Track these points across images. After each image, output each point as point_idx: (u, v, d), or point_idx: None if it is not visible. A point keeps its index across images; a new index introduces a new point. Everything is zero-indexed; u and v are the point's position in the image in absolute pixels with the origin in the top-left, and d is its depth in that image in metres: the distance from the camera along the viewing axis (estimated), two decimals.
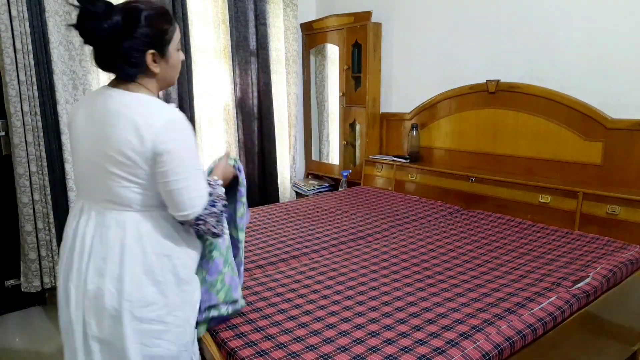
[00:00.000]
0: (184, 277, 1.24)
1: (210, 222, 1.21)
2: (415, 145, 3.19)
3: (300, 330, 1.39)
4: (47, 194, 2.66)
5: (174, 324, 1.21)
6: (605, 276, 1.74)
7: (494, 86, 2.72)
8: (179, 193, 1.15)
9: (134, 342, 1.16)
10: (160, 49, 1.19)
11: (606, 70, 2.30)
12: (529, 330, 1.41)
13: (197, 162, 1.20)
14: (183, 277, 1.24)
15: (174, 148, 1.13)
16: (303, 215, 2.64)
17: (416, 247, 2.09)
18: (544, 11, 2.50)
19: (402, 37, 3.28)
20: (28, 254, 2.65)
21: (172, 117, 1.16)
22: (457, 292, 1.64)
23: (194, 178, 1.17)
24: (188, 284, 1.26)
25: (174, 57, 1.24)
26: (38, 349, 2.37)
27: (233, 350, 1.29)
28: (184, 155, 1.15)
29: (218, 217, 1.23)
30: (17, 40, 2.45)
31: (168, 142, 1.12)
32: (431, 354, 1.25)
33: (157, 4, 1.21)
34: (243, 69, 3.42)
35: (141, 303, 1.16)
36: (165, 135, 1.12)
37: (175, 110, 1.20)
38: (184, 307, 1.24)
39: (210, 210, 1.20)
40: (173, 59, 1.24)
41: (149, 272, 1.17)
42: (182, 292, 1.23)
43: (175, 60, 1.25)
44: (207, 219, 1.20)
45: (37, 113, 2.57)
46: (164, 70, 1.22)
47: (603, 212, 2.18)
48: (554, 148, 2.50)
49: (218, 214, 1.22)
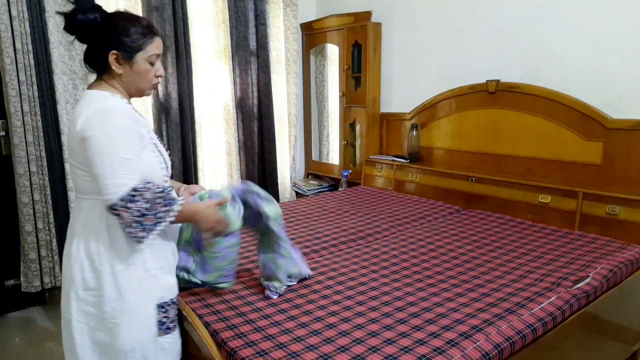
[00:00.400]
0: (121, 270, 1.26)
1: (125, 217, 1.19)
2: (415, 145, 3.19)
3: (300, 330, 1.39)
4: (47, 193, 2.66)
5: (110, 314, 1.27)
6: (605, 276, 1.74)
7: (494, 86, 2.72)
8: (97, 178, 1.21)
9: (79, 320, 1.29)
10: (126, 53, 1.29)
11: (606, 70, 2.30)
12: (529, 330, 1.41)
13: (119, 150, 1.21)
14: (119, 270, 1.26)
15: (94, 135, 1.20)
16: (303, 216, 2.64)
17: (416, 247, 2.09)
18: (543, 11, 2.50)
19: (402, 37, 3.28)
20: (28, 253, 2.65)
21: (102, 107, 1.24)
22: (457, 292, 1.63)
23: (111, 165, 1.20)
24: (126, 278, 1.27)
25: (141, 66, 1.31)
26: (38, 349, 2.37)
27: (233, 350, 1.29)
28: (104, 142, 1.20)
29: (135, 216, 1.20)
30: (17, 40, 2.46)
31: (90, 129, 1.21)
32: (431, 354, 1.25)
33: (144, 19, 1.34)
34: (243, 69, 3.42)
35: (82, 286, 1.28)
36: (91, 122, 1.21)
37: (112, 102, 1.26)
38: (121, 301, 1.26)
39: (127, 205, 1.18)
40: (139, 66, 1.31)
41: (90, 258, 1.27)
42: (117, 285, 1.26)
43: (142, 69, 1.32)
44: (121, 212, 1.19)
45: (37, 113, 2.57)
46: (128, 74, 1.31)
47: (603, 212, 2.18)
48: (554, 148, 2.50)
49: (135, 212, 1.19)
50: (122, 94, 1.34)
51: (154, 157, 1.34)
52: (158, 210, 1.23)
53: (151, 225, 1.23)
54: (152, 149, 1.34)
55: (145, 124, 1.37)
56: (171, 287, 1.39)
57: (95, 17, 1.26)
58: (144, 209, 1.21)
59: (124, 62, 1.30)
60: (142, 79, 1.33)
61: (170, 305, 1.38)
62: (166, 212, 1.25)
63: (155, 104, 3.04)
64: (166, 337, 1.37)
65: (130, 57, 1.29)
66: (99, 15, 1.27)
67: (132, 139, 1.25)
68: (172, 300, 1.39)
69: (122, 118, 1.25)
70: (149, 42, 1.31)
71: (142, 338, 1.31)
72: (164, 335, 1.36)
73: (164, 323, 1.36)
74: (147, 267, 1.31)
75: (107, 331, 1.29)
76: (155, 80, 1.37)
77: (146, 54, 1.31)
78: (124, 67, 1.30)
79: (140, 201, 1.21)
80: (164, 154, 1.40)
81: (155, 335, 1.34)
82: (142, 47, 1.30)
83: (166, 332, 1.36)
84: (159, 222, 1.25)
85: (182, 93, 3.10)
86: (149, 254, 1.32)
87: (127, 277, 1.28)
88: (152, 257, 1.33)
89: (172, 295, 1.39)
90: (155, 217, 1.23)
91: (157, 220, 1.24)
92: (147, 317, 1.32)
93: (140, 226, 1.21)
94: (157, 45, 1.33)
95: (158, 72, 1.36)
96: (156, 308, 1.33)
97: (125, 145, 1.23)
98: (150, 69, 1.34)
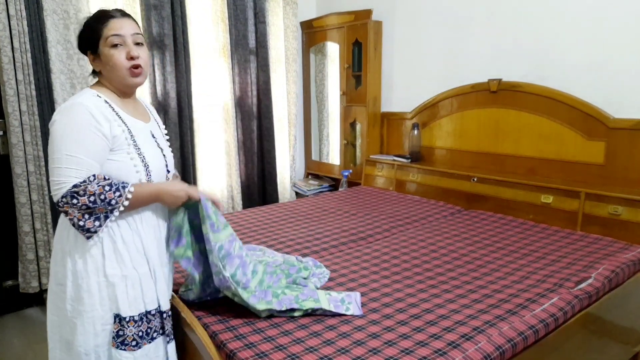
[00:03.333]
0: (80, 271, 1.25)
1: (72, 212, 1.20)
2: (417, 144, 3.17)
3: (300, 331, 1.37)
4: (45, 194, 2.65)
5: (71, 313, 1.26)
6: (608, 277, 1.73)
7: (495, 85, 2.71)
8: (49, 173, 1.23)
9: (52, 313, 1.32)
10: (92, 48, 1.30)
11: (608, 70, 2.28)
12: (531, 331, 1.39)
13: (67, 147, 1.20)
14: (79, 269, 1.25)
15: (53, 129, 1.22)
16: (303, 216, 2.63)
17: (417, 248, 2.08)
18: (546, 10, 2.48)
19: (403, 35, 3.27)
20: (26, 254, 2.64)
21: (70, 103, 1.24)
22: (458, 293, 1.62)
23: (58, 162, 1.20)
24: (84, 280, 1.25)
25: (106, 53, 1.28)
26: (36, 350, 2.36)
27: (232, 352, 1.27)
28: (55, 138, 1.21)
29: (83, 210, 1.20)
30: (15, 39, 2.44)
31: (52, 124, 1.22)
32: (432, 355, 1.23)
33: (100, 9, 1.34)
34: (242, 68, 3.40)
35: (55, 279, 1.30)
36: (55, 117, 1.23)
37: (83, 98, 1.25)
38: (78, 302, 1.25)
39: (69, 202, 1.19)
40: (105, 56, 1.29)
41: (60, 252, 1.28)
42: (74, 284, 1.26)
43: (107, 55, 1.28)
44: (66, 210, 1.21)
45: (34, 112, 2.56)
46: (104, 69, 1.31)
47: (605, 212, 2.16)
48: (556, 148, 2.49)
49: (82, 207, 1.20)
50: (112, 91, 1.33)
51: (128, 159, 1.28)
52: (107, 198, 1.21)
53: (105, 214, 1.23)
54: (129, 150, 1.28)
55: (122, 125, 1.29)
56: (132, 302, 1.28)
57: (80, 30, 1.33)
58: (90, 202, 1.19)
59: (96, 58, 1.30)
60: (113, 66, 1.28)
61: (129, 321, 1.28)
62: (119, 196, 1.22)
63: (153, 103, 3.02)
64: (119, 352, 1.27)
65: (96, 50, 1.30)
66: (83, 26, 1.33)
67: (87, 137, 1.21)
68: (132, 318, 1.28)
69: (82, 114, 1.21)
70: (103, 27, 1.28)
71: (95, 343, 1.26)
72: (117, 349, 1.27)
73: (120, 336, 1.27)
74: (107, 273, 1.26)
75: (68, 329, 1.28)
76: (129, 63, 1.29)
77: (104, 40, 1.28)
78: (100, 64, 1.31)
79: (84, 195, 1.19)
80: (147, 158, 1.33)
81: (109, 343, 1.27)
82: (99, 36, 1.28)
83: (119, 347, 1.27)
84: (113, 209, 1.23)
85: (181, 92, 3.08)
86: (109, 259, 1.26)
87: (85, 280, 1.24)
88: (116, 264, 1.27)
89: (131, 312, 1.28)
90: (108, 205, 1.21)
91: (111, 207, 1.22)
92: (103, 324, 1.26)
93: (91, 217, 1.22)
94: (113, 26, 1.28)
95: (131, 53, 1.29)
96: (113, 317, 1.27)
97: (76, 142, 1.20)
98: (114, 53, 1.27)
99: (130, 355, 1.28)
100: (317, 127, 3.96)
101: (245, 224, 2.47)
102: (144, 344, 1.30)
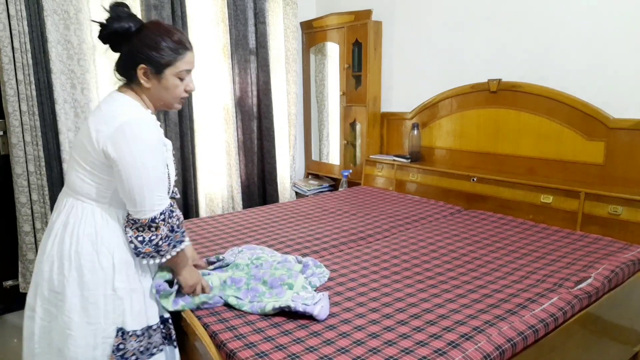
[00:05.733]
0: (88, 282, 1.23)
1: (162, 229, 1.25)
2: (416, 144, 3.18)
3: (300, 331, 1.37)
4: (45, 194, 2.65)
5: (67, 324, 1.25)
6: (607, 277, 1.73)
7: (495, 85, 2.71)
8: (132, 192, 1.22)
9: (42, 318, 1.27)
10: (155, 67, 1.27)
11: (608, 70, 2.29)
12: (531, 331, 1.39)
13: (157, 164, 1.25)
14: (87, 280, 1.23)
15: (130, 148, 1.20)
16: (303, 216, 2.63)
17: (417, 248, 2.08)
18: (545, 10, 2.48)
19: (403, 35, 3.27)
20: (26, 254, 2.64)
21: (135, 117, 1.23)
22: (458, 293, 1.62)
23: (154, 179, 1.23)
24: (92, 292, 1.24)
25: (169, 81, 1.30)
26: None
27: (232, 352, 1.27)
28: (141, 156, 1.21)
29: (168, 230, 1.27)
30: (15, 39, 2.44)
31: (115, 151, 1.20)
32: (432, 355, 1.24)
33: (176, 32, 1.30)
34: (242, 68, 3.41)
35: (49, 286, 1.26)
36: (125, 133, 1.21)
37: (143, 114, 1.26)
38: (81, 314, 1.24)
39: (166, 219, 1.26)
40: (167, 81, 1.29)
41: (60, 261, 1.24)
42: (82, 296, 1.23)
43: (170, 84, 1.30)
44: (160, 225, 1.24)
45: (35, 112, 2.56)
46: (155, 88, 1.30)
47: (605, 212, 2.16)
48: (556, 148, 2.49)
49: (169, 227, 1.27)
50: (148, 105, 1.33)
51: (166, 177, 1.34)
52: (175, 239, 1.29)
53: (165, 252, 1.28)
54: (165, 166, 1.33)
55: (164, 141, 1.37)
56: (137, 315, 1.30)
57: (130, 27, 1.26)
58: (176, 226, 1.28)
59: (152, 76, 1.28)
60: (169, 94, 1.32)
61: (131, 335, 1.28)
62: (180, 240, 1.31)
63: None
64: None
65: (159, 72, 1.28)
66: (133, 24, 1.26)
67: (161, 153, 1.27)
68: (135, 332, 1.29)
69: (154, 132, 1.26)
70: (179, 58, 1.29)
71: (93, 356, 1.25)
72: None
73: (120, 350, 1.27)
74: (115, 287, 1.26)
75: (61, 338, 1.25)
76: (184, 95, 1.35)
77: (175, 69, 1.29)
78: (151, 82, 1.29)
79: (173, 217, 1.27)
80: (170, 171, 1.37)
81: (108, 356, 1.27)
82: (171, 63, 1.28)
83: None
84: (171, 250, 1.30)
85: None
86: (119, 272, 1.27)
87: (93, 292, 1.24)
88: (125, 277, 1.27)
89: (135, 326, 1.29)
90: (171, 245, 1.30)
91: (173, 249, 1.31)
92: (104, 337, 1.26)
93: (167, 241, 1.26)
94: (188, 60, 1.31)
95: (188, 87, 1.34)
96: (115, 331, 1.27)
97: (160, 159, 1.26)
98: (179, 84, 1.32)
99: None
100: (317, 127, 3.96)
101: (245, 224, 2.47)
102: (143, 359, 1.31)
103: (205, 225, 2.45)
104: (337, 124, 3.71)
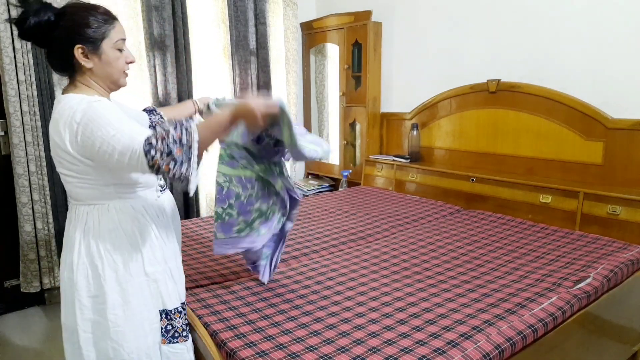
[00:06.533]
0: (123, 275, 1.25)
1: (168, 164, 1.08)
2: (416, 145, 3.18)
3: (300, 330, 1.38)
4: (46, 193, 2.65)
5: (114, 322, 1.24)
6: (606, 276, 1.74)
7: (494, 86, 2.72)
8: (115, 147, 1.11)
9: (84, 330, 1.25)
10: (92, 44, 1.22)
11: (607, 70, 2.29)
12: (530, 330, 1.40)
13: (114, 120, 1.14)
14: (121, 274, 1.24)
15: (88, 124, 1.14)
16: (303, 216, 2.64)
17: (417, 248, 2.08)
18: (544, 11, 2.49)
19: (403, 36, 3.28)
20: (27, 254, 2.65)
21: (85, 105, 1.17)
22: (457, 292, 1.63)
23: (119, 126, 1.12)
24: (129, 283, 1.25)
25: (110, 55, 1.25)
26: (37, 349, 2.37)
27: (233, 351, 1.28)
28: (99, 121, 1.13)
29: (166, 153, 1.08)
30: (16, 39, 2.45)
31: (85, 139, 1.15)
32: (431, 354, 1.24)
33: (99, 6, 1.26)
34: (243, 69, 3.41)
35: (87, 293, 1.24)
36: (81, 135, 1.15)
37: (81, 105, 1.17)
38: (125, 307, 1.24)
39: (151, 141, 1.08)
40: (108, 56, 1.24)
41: (93, 264, 1.24)
42: (121, 290, 1.24)
43: (111, 57, 1.25)
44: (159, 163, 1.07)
45: (36, 113, 2.57)
46: (98, 67, 1.24)
47: (604, 212, 2.17)
48: (555, 148, 2.50)
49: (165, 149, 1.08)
50: (99, 92, 1.27)
51: None
52: (177, 137, 1.09)
53: (185, 155, 1.09)
54: None
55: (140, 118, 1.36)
56: (172, 294, 1.33)
57: (49, 17, 1.18)
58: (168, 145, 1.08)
59: (91, 54, 1.22)
60: (113, 68, 1.26)
61: (175, 313, 1.33)
62: (187, 132, 1.10)
63: (155, 103, 3.03)
64: (172, 346, 1.32)
65: (97, 48, 1.22)
66: (51, 13, 1.19)
67: (124, 113, 1.21)
68: (177, 309, 1.34)
69: (109, 105, 1.21)
70: (111, 28, 1.24)
71: (146, 345, 1.28)
72: (168, 344, 1.31)
73: (169, 331, 1.32)
74: (147, 272, 1.28)
75: (111, 341, 1.25)
76: (126, 67, 1.30)
77: (111, 41, 1.24)
78: (92, 60, 1.22)
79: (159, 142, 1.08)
80: None
81: (159, 342, 1.30)
82: (106, 35, 1.23)
83: (171, 341, 1.32)
84: (190, 147, 1.10)
85: (181, 92, 3.09)
86: (147, 258, 1.29)
87: (130, 282, 1.25)
88: (150, 261, 1.29)
89: (175, 304, 1.33)
90: (180, 144, 1.09)
91: (187, 145, 1.10)
92: (151, 323, 1.29)
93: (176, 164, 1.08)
94: (120, 30, 1.27)
95: (128, 59, 1.30)
96: (159, 314, 1.30)
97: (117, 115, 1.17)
98: (120, 56, 1.27)
99: (183, 346, 1.34)
100: (317, 127, 3.97)
101: None
102: (183, 339, 1.35)
103: (205, 225, 2.46)
104: (337, 124, 3.71)
